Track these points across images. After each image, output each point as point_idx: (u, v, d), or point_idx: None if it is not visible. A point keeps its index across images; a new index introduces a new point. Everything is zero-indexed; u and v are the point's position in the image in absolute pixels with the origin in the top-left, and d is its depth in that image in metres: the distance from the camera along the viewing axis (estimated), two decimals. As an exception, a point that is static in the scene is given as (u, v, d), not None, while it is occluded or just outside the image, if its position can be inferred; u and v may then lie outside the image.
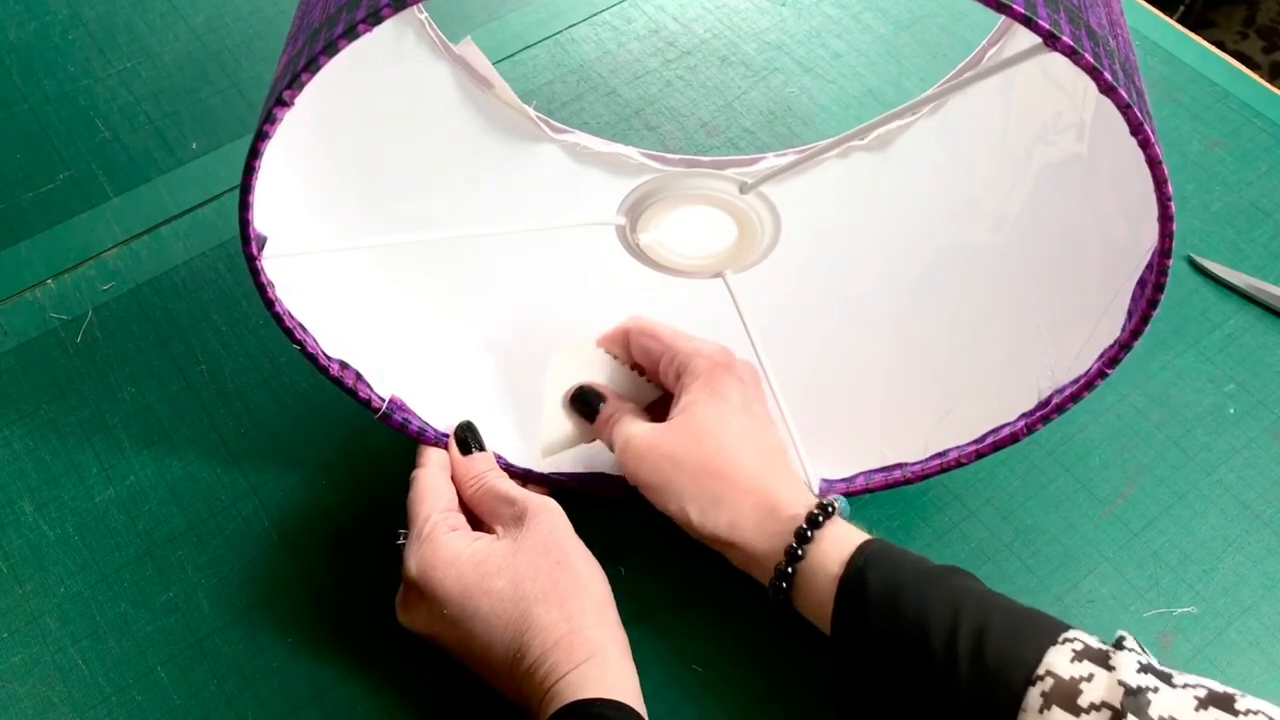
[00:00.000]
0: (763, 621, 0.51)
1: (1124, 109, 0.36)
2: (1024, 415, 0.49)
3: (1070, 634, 0.40)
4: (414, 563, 0.46)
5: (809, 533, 0.45)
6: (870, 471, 0.53)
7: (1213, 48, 0.75)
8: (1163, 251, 0.41)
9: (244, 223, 0.42)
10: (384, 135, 0.54)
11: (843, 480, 0.54)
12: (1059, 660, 0.39)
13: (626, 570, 0.52)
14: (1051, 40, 0.34)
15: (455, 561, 0.46)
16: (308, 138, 0.46)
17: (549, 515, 0.48)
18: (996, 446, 0.50)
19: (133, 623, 0.52)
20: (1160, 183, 0.38)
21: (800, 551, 0.44)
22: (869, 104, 0.72)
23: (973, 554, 0.54)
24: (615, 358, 0.54)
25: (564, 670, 0.43)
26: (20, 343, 0.61)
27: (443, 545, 0.46)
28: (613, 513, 0.53)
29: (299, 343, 0.46)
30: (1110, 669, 0.38)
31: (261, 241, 0.43)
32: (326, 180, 0.51)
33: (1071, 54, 0.35)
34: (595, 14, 0.77)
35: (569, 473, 0.54)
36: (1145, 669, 0.38)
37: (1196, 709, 0.37)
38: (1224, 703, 0.37)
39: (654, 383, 0.54)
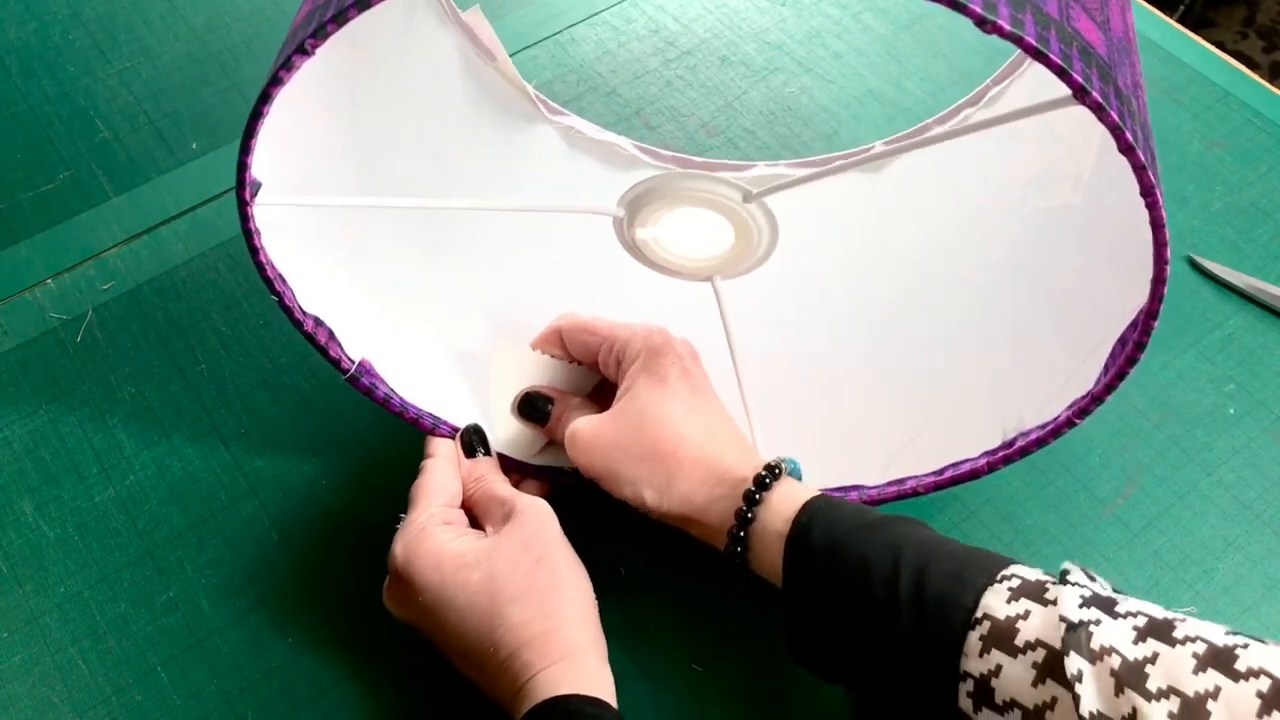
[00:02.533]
0: (762, 621, 0.51)
1: (1138, 170, 0.37)
2: (986, 453, 0.50)
3: (1009, 570, 0.40)
4: (399, 549, 0.47)
5: (757, 494, 0.45)
6: (827, 490, 0.53)
7: (1213, 48, 0.75)
8: (1150, 313, 0.41)
9: (242, 166, 0.42)
10: (382, 97, 0.54)
11: None
12: (996, 601, 0.39)
13: (626, 570, 0.52)
14: (1082, 94, 0.35)
15: (437, 552, 0.46)
16: (309, 92, 0.46)
17: (535, 514, 0.48)
18: (955, 481, 0.50)
19: (133, 623, 0.52)
20: (1160, 246, 0.39)
21: (750, 514, 0.45)
22: (869, 104, 0.72)
23: (973, 554, 0.54)
24: (553, 356, 0.54)
25: (538, 668, 0.43)
26: (20, 343, 0.61)
27: (430, 536, 0.47)
28: (613, 514, 0.53)
29: (277, 294, 0.47)
30: (1047, 604, 0.38)
31: (256, 187, 0.43)
32: (322, 136, 0.51)
33: (1098, 110, 0.35)
34: (595, 14, 0.77)
35: (537, 464, 0.54)
36: (1088, 602, 0.38)
37: (1135, 641, 0.36)
38: (1163, 631, 0.36)
39: (594, 370, 0.54)
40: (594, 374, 0.54)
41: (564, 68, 0.74)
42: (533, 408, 0.53)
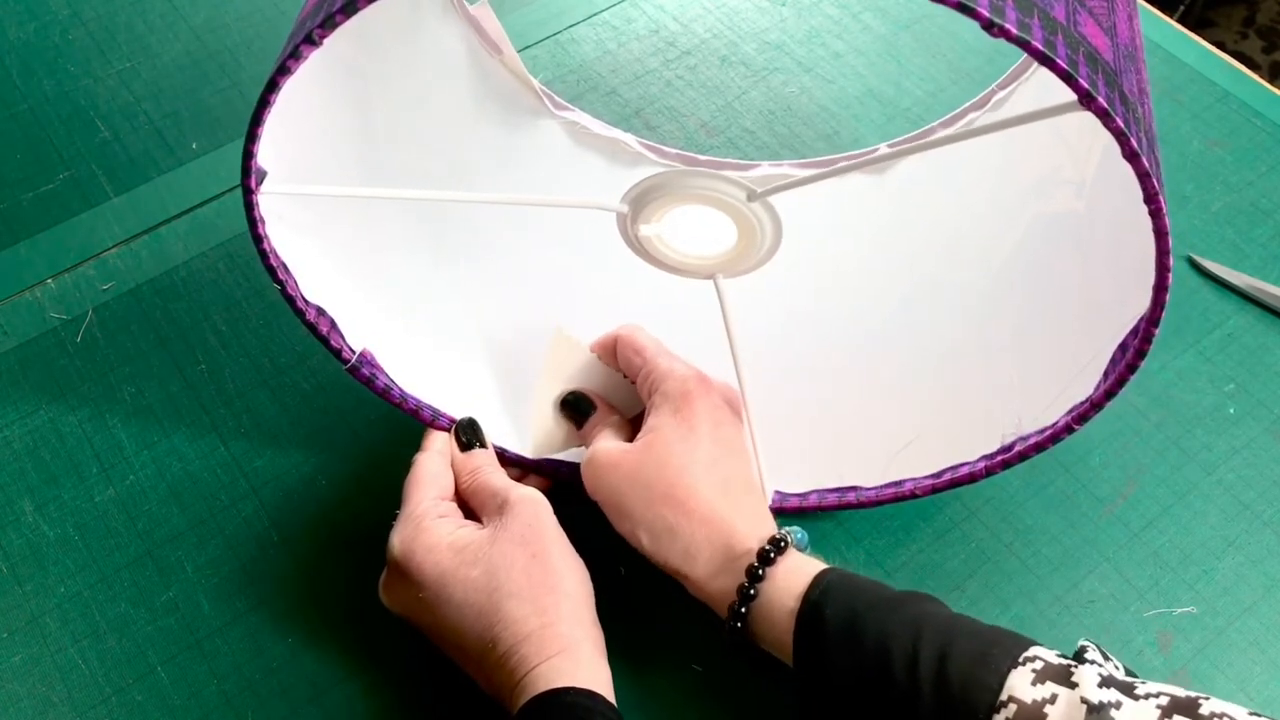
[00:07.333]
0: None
1: (1143, 177, 0.36)
2: (984, 457, 0.50)
3: (1031, 652, 0.40)
4: (398, 543, 0.47)
5: (760, 570, 0.44)
6: (825, 490, 0.53)
7: (1213, 48, 0.75)
8: (1151, 320, 0.41)
9: (248, 154, 0.42)
10: (387, 89, 0.54)
11: (796, 495, 0.54)
12: (1020, 683, 0.38)
13: (627, 570, 0.52)
14: (1088, 100, 0.34)
15: (436, 547, 0.46)
16: (314, 82, 0.46)
17: (531, 506, 0.47)
18: (953, 484, 0.50)
19: (133, 623, 0.52)
20: (1163, 253, 0.38)
21: (753, 590, 0.44)
22: (869, 104, 0.72)
23: (973, 554, 0.54)
24: (606, 364, 0.54)
25: (535, 662, 0.43)
26: (20, 343, 0.61)
27: (427, 530, 0.47)
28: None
29: (280, 283, 0.47)
30: (1072, 686, 0.38)
31: (261, 176, 0.43)
32: (327, 126, 0.50)
33: (1104, 116, 0.35)
34: (595, 14, 0.77)
35: (547, 458, 0.54)
36: (1106, 682, 0.38)
37: (1160, 719, 0.36)
38: (1188, 709, 0.36)
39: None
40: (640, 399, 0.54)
41: (564, 68, 0.74)
42: (576, 408, 0.53)
